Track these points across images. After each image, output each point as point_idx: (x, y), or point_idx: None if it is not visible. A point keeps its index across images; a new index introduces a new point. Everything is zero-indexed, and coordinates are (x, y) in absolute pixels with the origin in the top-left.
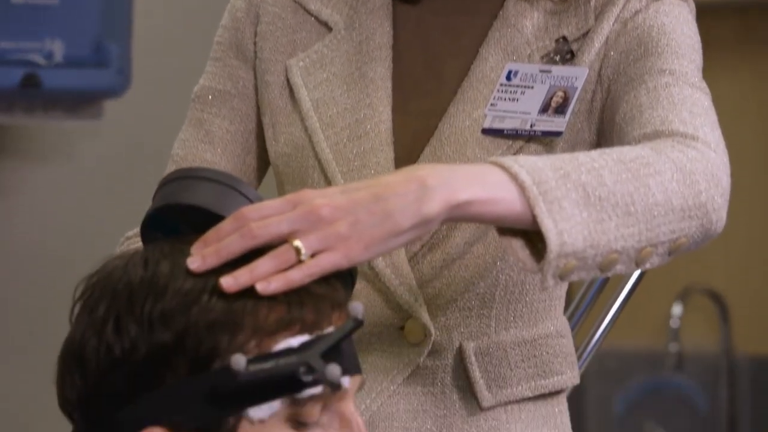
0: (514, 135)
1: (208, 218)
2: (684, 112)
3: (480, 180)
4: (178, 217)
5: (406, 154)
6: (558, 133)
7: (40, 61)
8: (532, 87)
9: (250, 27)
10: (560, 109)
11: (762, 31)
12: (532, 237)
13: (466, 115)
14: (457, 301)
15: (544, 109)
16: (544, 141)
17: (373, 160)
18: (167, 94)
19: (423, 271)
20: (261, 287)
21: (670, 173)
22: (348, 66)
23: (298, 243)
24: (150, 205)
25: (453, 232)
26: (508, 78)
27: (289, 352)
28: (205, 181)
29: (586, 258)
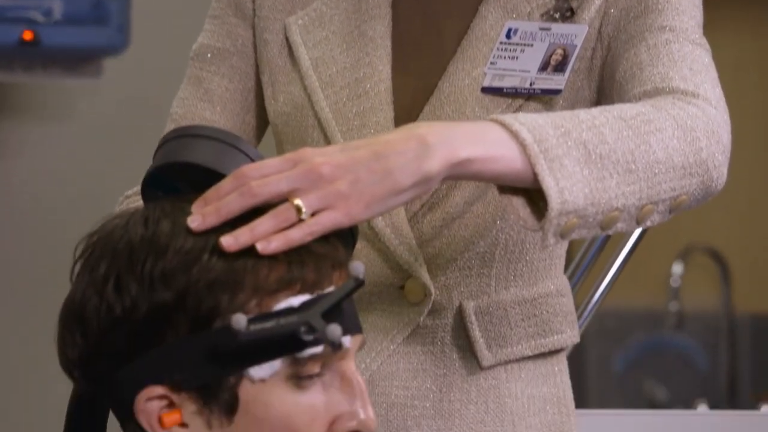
0: (513, 93)
1: (208, 177)
2: (684, 69)
3: (480, 138)
4: (179, 175)
5: (406, 114)
6: (557, 91)
7: (39, 18)
8: (532, 45)
9: None
10: (560, 67)
11: None
12: (533, 195)
13: (466, 74)
14: (457, 260)
15: (544, 67)
16: (544, 99)
17: (372, 120)
18: (167, 52)
19: (423, 230)
20: (261, 246)
21: (671, 130)
22: (347, 24)
23: (298, 201)
24: (150, 163)
25: (452, 191)
26: (508, 36)
27: (290, 311)
28: (206, 140)
29: (587, 216)
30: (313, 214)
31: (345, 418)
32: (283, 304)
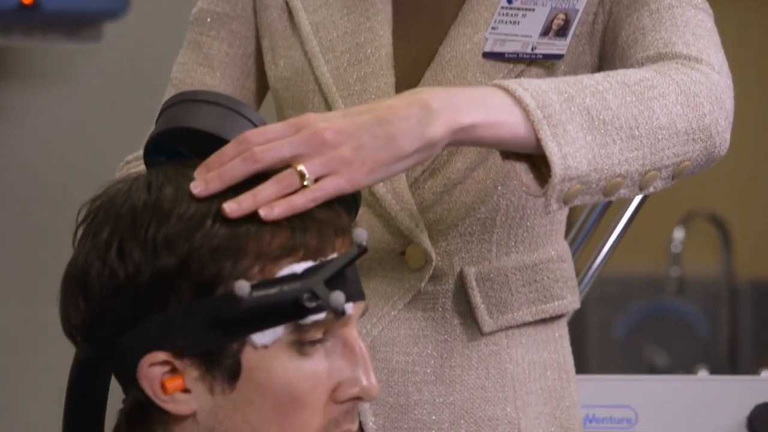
0: (515, 58)
1: (211, 142)
2: (687, 34)
3: (483, 103)
4: (181, 141)
5: (407, 79)
6: (559, 56)
7: None
8: (533, 9)
9: None
10: (561, 32)
11: None
12: (536, 161)
13: (467, 39)
14: (458, 226)
15: (545, 32)
16: (546, 64)
17: (373, 85)
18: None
19: (424, 196)
20: (264, 213)
21: (674, 96)
22: None
23: (301, 167)
24: (151, 128)
25: (454, 157)
26: (509, 1)
27: (293, 278)
28: (208, 105)
29: (590, 182)
30: (316, 180)
31: (347, 384)
32: (286, 271)
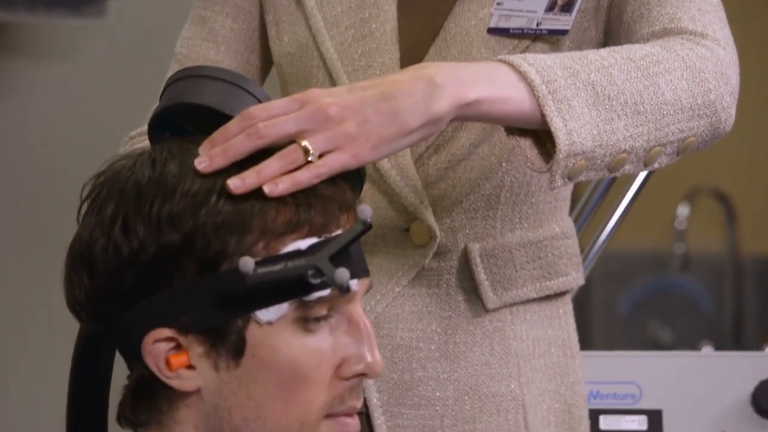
0: (520, 34)
1: (215, 118)
2: (693, 10)
3: (489, 78)
4: (185, 116)
5: (411, 55)
6: (564, 32)
7: None
8: None
9: None
10: (566, 7)
11: None
12: (541, 137)
13: (472, 14)
14: (462, 202)
15: (550, 8)
16: (551, 40)
17: (378, 60)
18: None
19: (428, 172)
20: (268, 189)
21: (679, 71)
22: None
23: (306, 143)
24: (155, 104)
25: (458, 133)
26: None
27: (298, 254)
28: (213, 80)
29: (595, 158)
30: (321, 156)
31: (352, 361)
32: (290, 247)
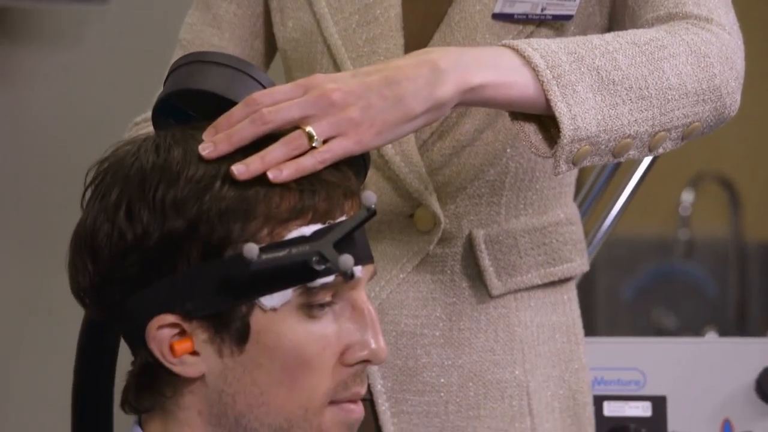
0: (524, 19)
1: (219, 103)
2: None
3: (493, 63)
4: (189, 102)
5: (416, 41)
6: (569, 17)
7: None
8: None
9: None
10: None
11: None
12: (545, 122)
13: (476, 0)
14: (467, 188)
15: None
16: (555, 25)
17: (382, 46)
18: None
19: (433, 158)
20: (272, 175)
21: (684, 56)
22: None
23: (310, 129)
24: (160, 90)
25: (463, 119)
26: None
27: (302, 240)
28: (217, 66)
29: (600, 143)
30: (325, 142)
31: (356, 347)
32: (294, 234)
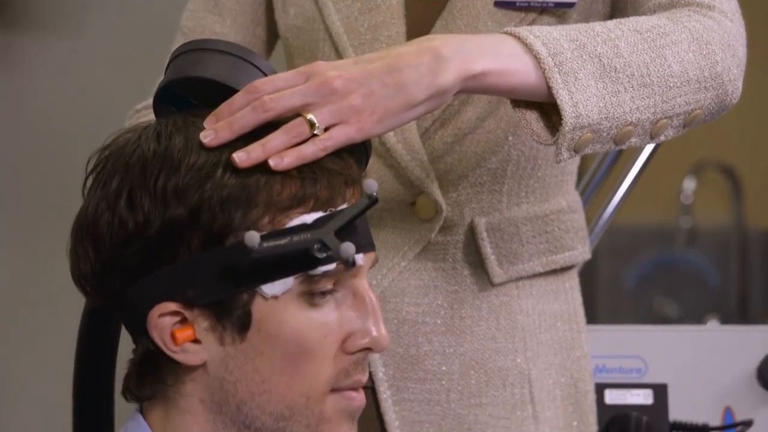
0: (526, 7)
1: (220, 91)
2: None
3: (495, 50)
4: (191, 90)
5: (418, 28)
6: (571, 4)
7: None
8: None
9: None
10: None
11: None
12: (547, 109)
13: None
14: (469, 176)
15: None
16: (557, 13)
17: (384, 34)
18: None
19: (434, 146)
20: (274, 162)
21: (686, 43)
22: None
23: (311, 116)
24: (161, 77)
25: (464, 107)
26: None
27: (303, 228)
28: (218, 54)
29: (601, 130)
30: (326, 129)
31: (357, 335)
32: (296, 221)
